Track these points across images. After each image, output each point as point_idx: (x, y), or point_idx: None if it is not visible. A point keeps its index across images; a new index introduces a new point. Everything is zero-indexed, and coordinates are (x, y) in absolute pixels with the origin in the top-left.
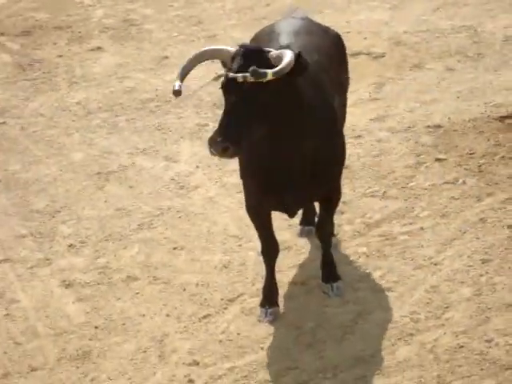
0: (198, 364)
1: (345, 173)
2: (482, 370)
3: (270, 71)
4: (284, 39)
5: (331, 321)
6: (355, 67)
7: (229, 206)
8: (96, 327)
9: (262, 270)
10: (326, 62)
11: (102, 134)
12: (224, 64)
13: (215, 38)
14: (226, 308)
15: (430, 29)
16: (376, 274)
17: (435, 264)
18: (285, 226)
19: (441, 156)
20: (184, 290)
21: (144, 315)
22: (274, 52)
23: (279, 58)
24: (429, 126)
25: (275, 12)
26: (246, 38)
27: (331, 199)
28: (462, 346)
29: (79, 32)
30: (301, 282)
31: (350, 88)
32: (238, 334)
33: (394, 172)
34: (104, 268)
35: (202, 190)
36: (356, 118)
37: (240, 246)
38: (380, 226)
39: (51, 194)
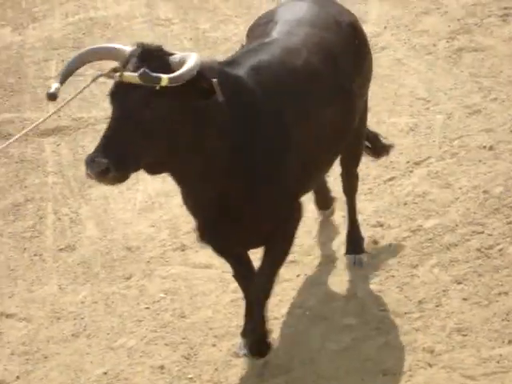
0: (382, 226)
1: None
2: None
3: (164, 76)
4: (281, 31)
5: None
6: None
7: (417, 68)
8: None
9: (451, 132)
10: (324, 68)
11: None
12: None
13: None
14: (411, 171)
15: None
16: None
17: None
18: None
19: None
20: None
21: (328, 175)
22: (176, 55)
23: (181, 64)
24: None
25: None
26: None
27: (271, 247)
28: None
29: None
30: (489, 146)
31: None
32: (424, 196)
33: None
34: None
35: (389, 51)
36: None
37: (427, 109)
38: None
39: None
